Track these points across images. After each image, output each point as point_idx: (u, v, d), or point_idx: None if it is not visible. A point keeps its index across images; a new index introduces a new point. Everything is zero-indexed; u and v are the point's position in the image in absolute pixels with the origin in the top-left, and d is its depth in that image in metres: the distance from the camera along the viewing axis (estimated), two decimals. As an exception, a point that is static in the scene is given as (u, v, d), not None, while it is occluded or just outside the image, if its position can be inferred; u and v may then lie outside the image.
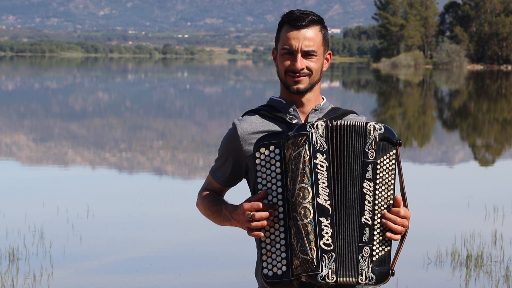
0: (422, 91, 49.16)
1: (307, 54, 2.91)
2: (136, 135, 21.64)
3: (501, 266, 7.88)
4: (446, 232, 9.06)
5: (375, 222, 2.77)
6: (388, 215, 2.78)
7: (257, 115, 2.99)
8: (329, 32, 3.06)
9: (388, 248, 2.80)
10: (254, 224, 2.76)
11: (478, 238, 8.89)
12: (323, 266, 2.68)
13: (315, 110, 2.97)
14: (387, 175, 2.79)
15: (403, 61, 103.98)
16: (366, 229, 2.75)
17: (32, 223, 9.37)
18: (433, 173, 14.77)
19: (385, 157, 2.79)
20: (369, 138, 2.77)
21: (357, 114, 3.06)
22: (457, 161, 17.40)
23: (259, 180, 2.79)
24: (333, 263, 2.69)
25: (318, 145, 2.73)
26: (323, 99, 3.04)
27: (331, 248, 2.69)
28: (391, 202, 2.80)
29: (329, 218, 2.71)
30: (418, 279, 7.44)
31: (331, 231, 2.70)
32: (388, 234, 2.78)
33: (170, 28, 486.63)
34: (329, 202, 2.71)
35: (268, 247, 2.76)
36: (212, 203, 3.01)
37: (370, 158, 2.77)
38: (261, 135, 2.91)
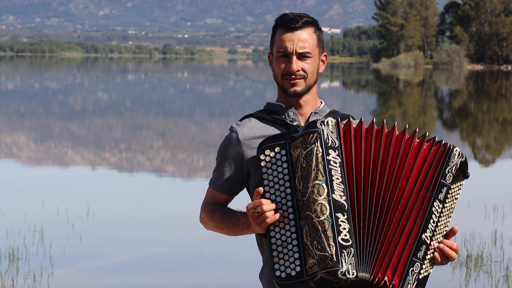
0: (422, 91, 49.17)
1: (302, 56, 2.89)
2: (136, 135, 21.64)
3: (501, 266, 7.88)
4: (446, 232, 9.05)
5: (432, 243, 2.79)
6: (447, 249, 2.81)
7: (256, 120, 2.96)
8: (329, 32, 3.05)
9: (432, 270, 2.83)
10: (269, 218, 2.71)
11: (478, 238, 8.89)
12: (343, 261, 2.65)
13: (315, 113, 2.95)
14: (452, 202, 2.82)
15: (403, 61, 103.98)
16: (424, 246, 2.77)
17: (32, 223, 9.37)
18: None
19: (456, 185, 2.83)
20: (452, 162, 2.80)
21: (354, 119, 3.02)
22: (457, 161, 17.36)
23: (265, 182, 2.75)
24: (353, 258, 2.67)
25: (330, 141, 2.71)
26: (322, 102, 3.02)
27: (350, 243, 2.67)
28: (447, 229, 2.84)
29: (345, 213, 2.68)
30: (418, 279, 7.43)
31: (348, 226, 2.68)
32: (436, 255, 2.81)
33: (170, 28, 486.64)
34: (344, 198, 2.69)
35: (280, 248, 2.73)
36: (225, 216, 2.94)
37: (447, 181, 2.79)
38: (263, 139, 2.87)
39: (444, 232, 2.82)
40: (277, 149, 2.76)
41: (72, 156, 17.03)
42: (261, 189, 2.75)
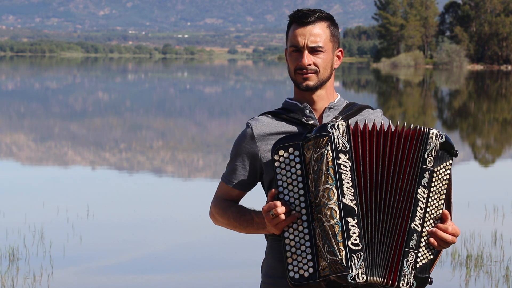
0: (422, 91, 49.17)
1: (313, 50, 2.89)
2: (136, 135, 21.64)
3: (501, 266, 7.88)
4: (446, 232, 9.04)
5: (424, 230, 2.77)
6: (441, 233, 2.79)
7: (272, 117, 2.96)
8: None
9: (432, 256, 2.80)
10: (284, 221, 2.73)
11: (478, 238, 8.88)
12: (353, 266, 2.66)
13: (329, 108, 2.95)
14: (440, 185, 2.79)
15: (403, 61, 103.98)
16: (415, 235, 2.75)
17: (32, 223, 9.37)
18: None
19: (441, 166, 2.79)
20: (430, 145, 2.77)
21: (372, 109, 3.04)
22: (457, 161, 17.39)
23: (279, 183, 2.76)
24: (363, 262, 2.68)
25: (340, 145, 2.71)
26: (338, 95, 3.01)
27: (360, 247, 2.68)
28: (441, 212, 2.80)
29: (355, 217, 2.69)
30: (418, 279, 7.42)
31: (359, 230, 2.69)
32: (432, 240, 2.79)
33: (170, 28, 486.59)
34: (354, 202, 2.70)
35: (293, 249, 2.74)
36: (238, 213, 2.94)
37: (428, 165, 2.76)
38: (278, 136, 2.88)
39: (438, 216, 2.80)
40: (290, 150, 2.76)
41: (72, 156, 17.02)
42: (274, 190, 2.76)
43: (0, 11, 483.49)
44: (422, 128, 2.78)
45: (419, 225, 2.76)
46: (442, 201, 2.80)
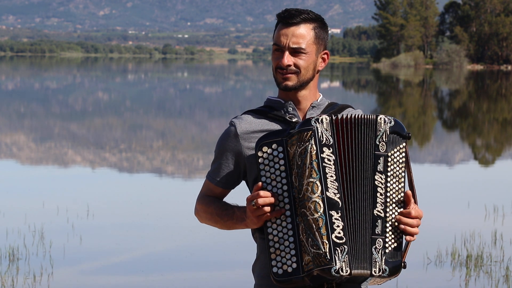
0: (422, 91, 49.18)
1: (295, 52, 2.91)
2: (136, 135, 21.65)
3: (501, 266, 7.88)
4: (446, 232, 9.07)
5: (387, 215, 2.78)
6: (405, 219, 2.79)
7: (255, 115, 2.97)
8: (329, 32, 3.04)
9: (400, 240, 2.81)
10: (264, 209, 2.73)
11: (478, 238, 8.89)
12: (337, 259, 2.67)
13: (313, 106, 2.97)
14: (397, 168, 2.80)
15: (403, 61, 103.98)
16: (379, 221, 2.75)
17: (32, 223, 9.38)
18: (433, 173, 14.78)
19: (395, 150, 2.80)
20: (379, 131, 2.78)
21: (353, 108, 3.05)
22: (457, 161, 17.40)
23: (263, 179, 2.77)
24: (346, 255, 2.69)
25: (324, 139, 2.73)
26: (320, 95, 3.03)
27: (343, 241, 2.69)
28: (402, 195, 2.81)
29: (339, 211, 2.71)
30: (418, 279, 7.44)
31: (342, 224, 2.70)
32: (408, 238, 2.81)
33: (170, 28, 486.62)
34: (338, 195, 2.72)
35: (277, 245, 2.75)
36: (220, 208, 2.96)
37: (381, 150, 2.77)
38: (261, 134, 2.89)
39: (400, 199, 2.80)
40: (274, 146, 2.78)
41: (72, 156, 17.02)
42: (260, 183, 2.77)
43: (0, 11, 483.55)
44: (369, 115, 2.79)
45: (381, 211, 2.76)
46: (402, 184, 2.81)
